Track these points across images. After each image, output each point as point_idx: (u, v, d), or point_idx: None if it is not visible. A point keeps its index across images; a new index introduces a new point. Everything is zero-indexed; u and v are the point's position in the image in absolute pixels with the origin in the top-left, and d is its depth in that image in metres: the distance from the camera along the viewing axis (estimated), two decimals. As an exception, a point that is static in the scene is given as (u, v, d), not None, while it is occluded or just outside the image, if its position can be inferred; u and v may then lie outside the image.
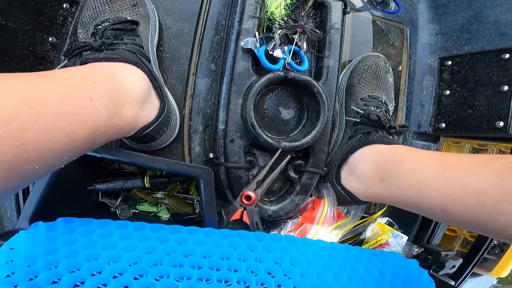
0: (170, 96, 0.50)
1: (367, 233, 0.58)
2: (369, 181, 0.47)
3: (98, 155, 0.39)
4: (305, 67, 0.50)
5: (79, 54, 0.40)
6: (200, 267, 0.35)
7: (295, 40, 0.50)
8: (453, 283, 0.60)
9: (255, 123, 0.47)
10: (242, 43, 0.48)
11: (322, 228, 0.52)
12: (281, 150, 0.49)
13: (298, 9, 0.52)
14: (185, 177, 0.54)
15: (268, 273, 0.36)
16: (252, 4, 0.49)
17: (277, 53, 0.48)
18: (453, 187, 0.35)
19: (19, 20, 0.43)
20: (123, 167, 0.55)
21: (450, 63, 0.65)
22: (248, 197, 0.47)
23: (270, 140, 0.48)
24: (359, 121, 0.52)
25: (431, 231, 0.63)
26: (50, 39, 0.49)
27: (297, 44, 0.50)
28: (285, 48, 0.49)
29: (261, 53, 0.48)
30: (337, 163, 0.53)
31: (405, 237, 0.56)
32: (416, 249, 0.58)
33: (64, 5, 0.50)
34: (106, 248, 0.35)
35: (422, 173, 0.39)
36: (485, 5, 0.60)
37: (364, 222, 0.60)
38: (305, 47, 0.52)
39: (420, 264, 0.41)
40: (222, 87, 0.50)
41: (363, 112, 0.52)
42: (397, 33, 0.67)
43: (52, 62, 0.50)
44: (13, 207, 0.46)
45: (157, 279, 0.32)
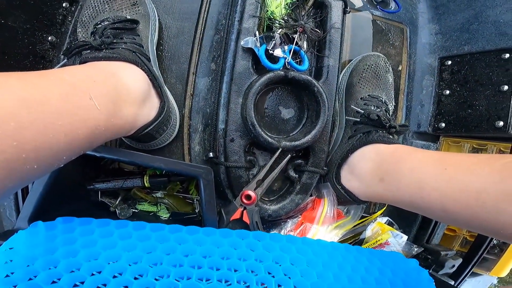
0: (170, 95, 0.50)
1: (367, 233, 0.58)
2: (369, 181, 0.47)
3: (97, 154, 0.39)
4: (305, 66, 0.50)
5: (78, 53, 0.40)
6: (200, 267, 0.35)
7: (295, 39, 0.50)
8: (452, 283, 0.60)
9: (255, 122, 0.47)
10: (242, 42, 0.48)
11: (322, 227, 0.52)
12: (281, 149, 0.48)
13: (298, 9, 0.52)
14: (185, 177, 0.54)
15: (268, 272, 0.35)
16: (252, 3, 0.49)
17: (277, 52, 0.48)
18: (453, 187, 0.35)
19: (18, 19, 0.43)
20: (123, 167, 0.55)
21: (450, 62, 0.65)
22: (248, 197, 0.47)
23: (270, 139, 0.48)
24: (359, 120, 0.52)
25: (430, 231, 0.63)
26: (49, 38, 0.48)
27: (297, 43, 0.50)
28: (285, 47, 0.49)
29: (261, 53, 0.48)
30: (337, 162, 0.53)
31: (405, 237, 0.56)
32: (415, 249, 0.58)
33: (63, 4, 0.50)
34: (105, 247, 0.34)
35: (422, 173, 0.39)
36: (485, 5, 0.60)
37: (364, 221, 0.60)
38: (305, 46, 0.52)
39: (419, 263, 0.41)
40: (222, 86, 0.50)
41: (363, 111, 0.52)
42: (397, 33, 0.67)
43: (51, 61, 0.50)
44: (12, 207, 0.46)
45: (157, 279, 0.32)
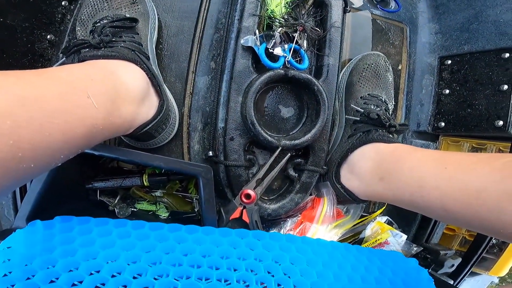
0: (169, 94, 0.50)
1: (367, 232, 0.58)
2: (369, 180, 0.47)
3: (96, 153, 0.39)
4: (305, 65, 0.50)
5: (77, 51, 0.40)
6: (199, 266, 0.35)
7: (296, 38, 0.50)
8: (452, 282, 0.60)
9: (255, 121, 0.47)
10: (242, 41, 0.48)
11: (321, 227, 0.52)
12: (281, 148, 0.48)
13: (298, 7, 0.52)
14: (184, 175, 0.53)
15: (268, 272, 0.35)
16: (252, 2, 0.49)
17: (277, 51, 0.48)
18: (453, 186, 0.35)
19: (17, 17, 0.43)
20: (122, 165, 0.55)
21: (449, 62, 0.65)
22: (247, 196, 0.47)
23: (270, 138, 0.48)
24: (359, 119, 0.52)
25: (430, 230, 0.63)
26: (48, 37, 0.48)
27: (297, 42, 0.50)
28: (285, 46, 0.49)
29: (261, 51, 0.47)
30: (337, 161, 0.52)
31: (404, 236, 0.56)
32: (415, 248, 0.58)
33: (62, 3, 0.50)
34: (104, 247, 0.34)
35: (422, 172, 0.39)
36: (485, 5, 0.60)
37: (363, 221, 0.60)
38: (305, 45, 0.52)
39: (419, 263, 0.41)
40: (221, 85, 0.50)
41: (363, 110, 0.52)
42: (397, 32, 0.67)
43: (50, 59, 0.49)
44: (10, 206, 0.46)
45: (156, 278, 0.32)
